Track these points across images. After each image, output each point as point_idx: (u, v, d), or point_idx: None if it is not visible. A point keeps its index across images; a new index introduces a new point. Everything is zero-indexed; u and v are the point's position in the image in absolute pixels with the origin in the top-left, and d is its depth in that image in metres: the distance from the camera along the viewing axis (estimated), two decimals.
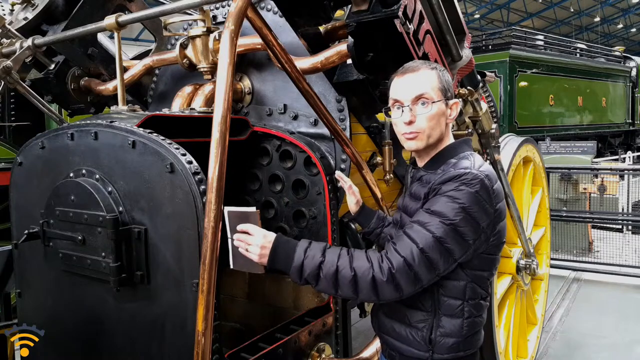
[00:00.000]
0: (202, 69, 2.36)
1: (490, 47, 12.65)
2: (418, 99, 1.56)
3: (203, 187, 1.55)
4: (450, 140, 1.65)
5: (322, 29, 2.44)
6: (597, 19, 35.85)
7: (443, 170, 1.54)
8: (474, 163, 1.53)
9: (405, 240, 1.45)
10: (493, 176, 1.52)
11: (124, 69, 2.43)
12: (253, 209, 1.53)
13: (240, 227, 1.50)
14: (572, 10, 34.41)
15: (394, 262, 1.41)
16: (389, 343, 1.67)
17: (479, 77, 3.05)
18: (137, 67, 2.69)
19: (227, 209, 1.51)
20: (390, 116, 1.66)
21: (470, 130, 2.96)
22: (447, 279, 1.53)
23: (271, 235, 1.50)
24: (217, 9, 2.55)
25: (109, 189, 1.74)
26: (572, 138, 12.94)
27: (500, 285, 3.24)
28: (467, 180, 1.45)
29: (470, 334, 1.57)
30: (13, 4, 2.91)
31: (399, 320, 1.62)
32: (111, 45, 2.90)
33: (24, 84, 2.73)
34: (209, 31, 2.28)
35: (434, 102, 1.56)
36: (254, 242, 1.48)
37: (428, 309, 1.57)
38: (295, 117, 2.27)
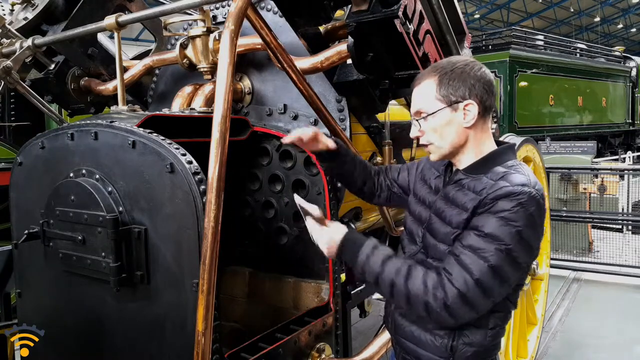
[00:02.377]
0: (202, 69, 2.36)
1: (490, 47, 12.67)
2: (418, 115, 1.54)
3: (203, 187, 1.55)
4: (491, 143, 1.55)
5: (322, 29, 2.43)
6: (597, 19, 35.82)
7: (490, 179, 1.44)
8: (530, 179, 1.42)
9: (458, 269, 1.37)
10: (544, 193, 1.45)
11: (124, 69, 2.43)
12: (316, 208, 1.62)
13: (312, 217, 1.60)
14: (572, 10, 34.38)
15: (448, 294, 1.36)
16: (405, 346, 1.62)
17: None
18: (137, 67, 2.69)
19: (297, 198, 1.65)
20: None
21: None
22: None
23: (340, 233, 1.56)
24: (217, 9, 2.55)
25: (109, 189, 1.74)
26: (572, 138, 12.93)
27: None
28: (523, 200, 1.36)
29: (493, 343, 1.54)
30: (13, 4, 2.91)
31: (419, 325, 1.58)
32: (111, 45, 2.90)
33: (24, 84, 2.73)
34: (209, 31, 2.28)
35: (429, 114, 1.50)
36: (322, 238, 1.58)
37: None
38: (295, 117, 2.27)
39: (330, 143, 1.80)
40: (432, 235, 1.55)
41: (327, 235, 1.56)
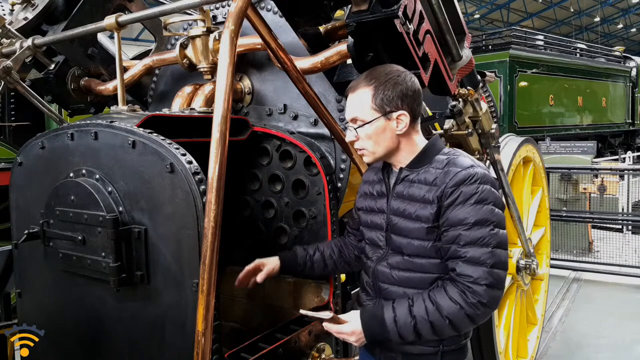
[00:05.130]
0: (202, 69, 2.36)
1: (490, 47, 12.64)
2: (354, 122, 1.62)
3: (203, 187, 1.55)
4: (422, 138, 1.67)
5: (322, 29, 2.43)
6: (597, 19, 35.83)
7: (437, 168, 1.56)
8: (473, 159, 1.58)
9: (473, 268, 1.47)
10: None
11: (124, 69, 2.43)
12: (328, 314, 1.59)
13: (327, 321, 1.59)
14: (572, 10, 34.39)
15: (480, 293, 1.45)
16: (390, 346, 1.63)
17: (479, 77, 3.04)
18: (137, 67, 2.69)
19: (303, 312, 1.63)
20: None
21: (470, 130, 2.96)
22: None
23: (356, 316, 1.57)
24: (217, 9, 2.55)
25: (109, 189, 1.74)
26: (572, 138, 12.93)
27: None
28: (480, 178, 1.50)
29: None
30: (13, 4, 2.91)
31: None
32: (111, 45, 2.90)
33: (24, 84, 2.73)
34: (209, 31, 2.28)
35: (365, 123, 1.58)
36: (346, 334, 1.58)
37: None
38: (295, 117, 2.27)
39: (272, 266, 1.91)
40: (401, 234, 1.60)
41: (349, 328, 1.56)
